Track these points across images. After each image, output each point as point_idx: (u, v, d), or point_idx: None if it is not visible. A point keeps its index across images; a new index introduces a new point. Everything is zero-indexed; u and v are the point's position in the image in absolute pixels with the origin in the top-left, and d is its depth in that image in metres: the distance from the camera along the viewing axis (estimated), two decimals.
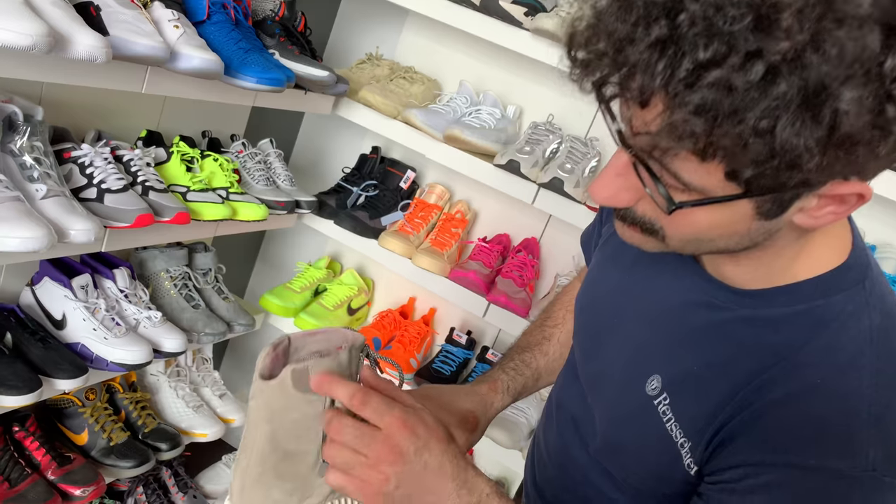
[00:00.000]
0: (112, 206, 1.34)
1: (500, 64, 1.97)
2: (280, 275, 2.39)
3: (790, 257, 0.67)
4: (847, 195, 0.57)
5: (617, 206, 0.66)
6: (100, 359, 1.47)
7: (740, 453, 0.65)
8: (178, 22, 1.30)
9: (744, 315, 0.70)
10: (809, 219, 0.60)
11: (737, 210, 0.59)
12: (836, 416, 0.63)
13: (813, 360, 0.65)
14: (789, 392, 0.64)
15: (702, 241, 0.64)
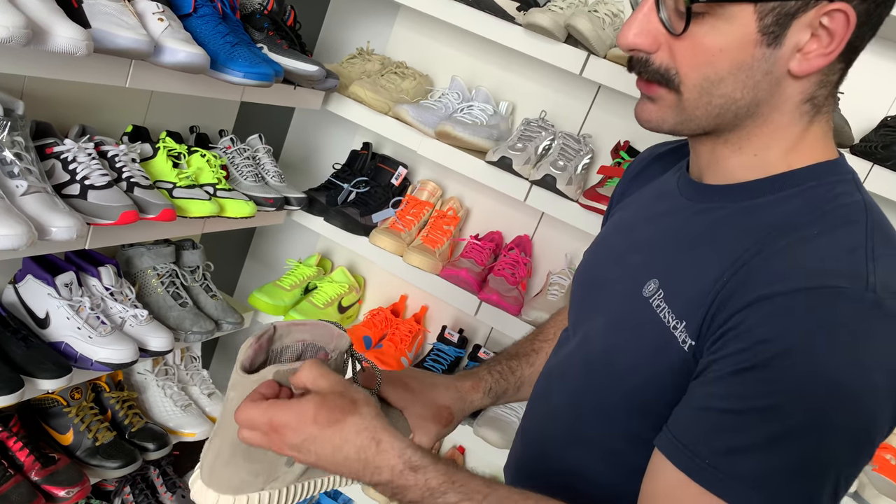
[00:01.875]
0: (96, 203, 1.31)
1: (492, 59, 1.95)
2: (270, 272, 2.37)
3: (786, 146, 0.73)
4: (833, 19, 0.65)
5: (639, 46, 0.71)
6: (84, 358, 1.44)
7: (737, 303, 0.65)
8: (162, 15, 1.27)
9: (740, 207, 0.74)
10: (803, 61, 0.67)
11: (742, 27, 0.66)
12: (835, 250, 0.65)
13: (808, 222, 0.68)
14: (788, 243, 0.67)
15: (713, 81, 0.70)
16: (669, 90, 0.72)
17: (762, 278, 0.65)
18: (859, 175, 0.93)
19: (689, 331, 0.70)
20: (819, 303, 0.62)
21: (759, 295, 0.64)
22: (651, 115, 0.75)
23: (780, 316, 0.62)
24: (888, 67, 1.62)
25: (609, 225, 0.98)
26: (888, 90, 1.62)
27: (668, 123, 0.75)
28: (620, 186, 1.01)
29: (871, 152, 1.40)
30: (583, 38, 1.56)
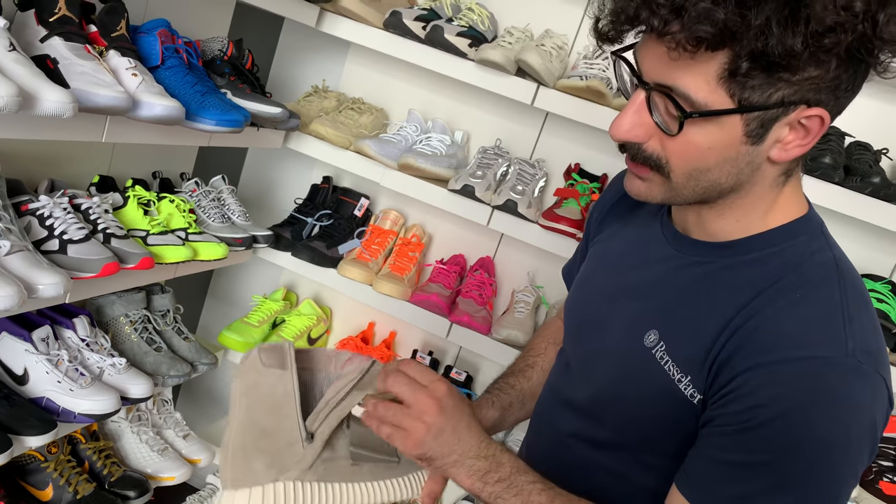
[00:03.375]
0: (76, 257, 1.32)
1: (445, 92, 2.04)
2: (233, 310, 2.37)
3: (764, 209, 0.81)
4: (811, 120, 0.72)
5: (632, 139, 0.78)
6: (66, 411, 1.44)
7: (737, 366, 0.75)
8: (135, 70, 1.31)
9: (726, 263, 0.83)
10: (782, 151, 0.75)
11: (730, 130, 0.73)
12: (817, 318, 0.75)
13: (791, 286, 0.78)
14: (775, 309, 0.76)
15: (701, 171, 0.77)
16: (659, 174, 0.79)
17: (757, 346, 0.75)
18: None
19: (696, 386, 0.80)
20: (807, 372, 0.73)
21: (756, 362, 0.74)
22: (641, 191, 0.83)
23: (776, 383, 0.73)
24: None
25: (595, 260, 1.03)
26: None
27: (658, 198, 0.83)
28: (597, 214, 1.08)
29: None
30: (533, 71, 1.67)
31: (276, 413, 0.84)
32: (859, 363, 0.73)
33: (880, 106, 1.74)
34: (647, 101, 0.76)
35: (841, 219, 1.65)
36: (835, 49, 0.67)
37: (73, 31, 1.24)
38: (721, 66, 0.69)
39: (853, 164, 1.55)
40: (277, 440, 0.83)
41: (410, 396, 0.81)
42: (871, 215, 1.53)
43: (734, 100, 0.71)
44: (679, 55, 0.69)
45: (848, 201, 1.53)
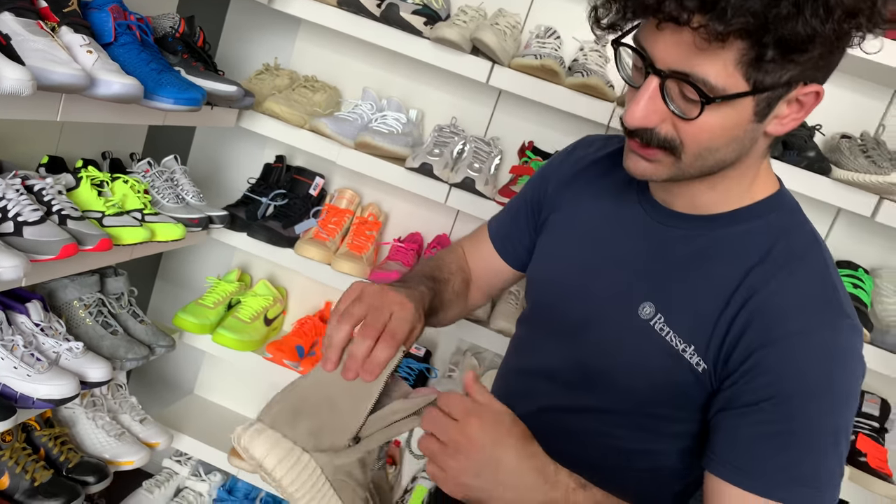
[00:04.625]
0: (33, 239, 1.29)
1: (398, 70, 2.05)
2: (184, 292, 2.34)
3: (748, 183, 0.88)
4: (807, 96, 0.78)
5: (648, 125, 0.80)
6: (25, 397, 1.41)
7: (753, 343, 0.81)
8: (90, 47, 1.28)
9: (716, 236, 0.88)
10: (779, 125, 0.81)
11: (742, 111, 0.77)
12: (814, 287, 0.83)
13: (782, 257, 0.84)
14: (776, 283, 0.82)
15: (711, 150, 0.81)
16: (671, 155, 0.82)
17: (768, 321, 0.81)
18: None
19: (701, 354, 0.85)
20: (821, 338, 0.80)
21: (771, 337, 0.80)
22: (647, 171, 0.85)
23: (795, 354, 0.80)
24: None
25: (563, 229, 1.05)
26: None
27: (663, 176, 0.86)
28: (554, 184, 1.09)
29: None
30: (488, 50, 1.70)
31: (351, 400, 0.84)
32: (853, 322, 0.83)
33: None
34: (660, 86, 0.78)
35: None
36: (854, 32, 0.72)
37: (24, 6, 1.20)
38: (741, 52, 0.72)
39: (790, 139, 1.65)
40: (334, 421, 0.83)
41: (443, 434, 0.77)
42: (807, 187, 1.62)
43: (749, 83, 0.74)
44: (707, 45, 0.71)
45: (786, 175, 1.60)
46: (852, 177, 1.58)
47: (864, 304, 1.68)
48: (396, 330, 0.87)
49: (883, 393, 1.84)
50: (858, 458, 1.69)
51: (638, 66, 0.82)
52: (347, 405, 0.84)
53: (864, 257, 1.85)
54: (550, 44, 1.75)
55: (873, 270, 1.82)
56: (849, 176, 1.59)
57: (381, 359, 0.85)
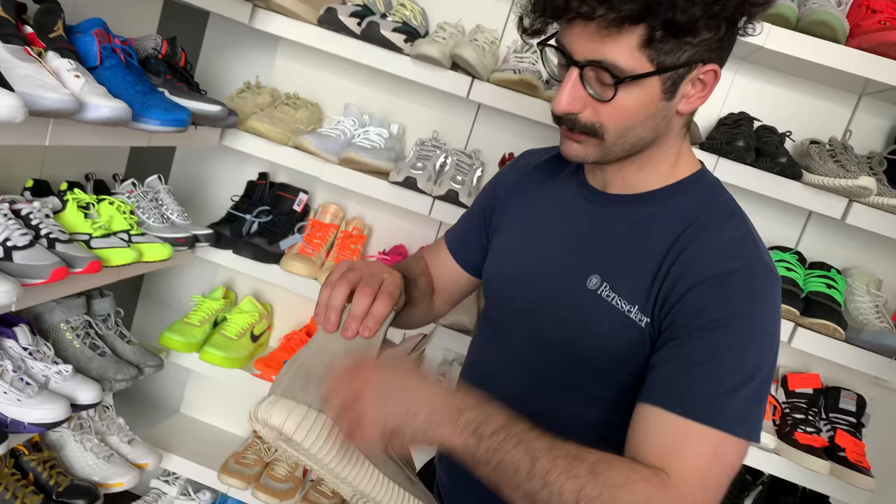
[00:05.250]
0: (23, 264, 1.29)
1: (378, 86, 2.07)
2: (166, 311, 2.33)
3: (672, 162, 0.99)
4: (707, 75, 0.90)
5: (572, 111, 0.91)
6: (16, 422, 1.41)
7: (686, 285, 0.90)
8: (77, 71, 1.29)
9: (650, 211, 0.98)
10: (687, 103, 0.92)
11: (650, 90, 0.88)
12: (737, 239, 0.93)
13: (707, 221, 0.95)
14: (703, 239, 0.93)
15: (629, 129, 0.92)
16: (594, 138, 0.93)
17: (699, 266, 0.90)
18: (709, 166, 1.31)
19: (643, 312, 0.93)
20: (743, 279, 0.89)
21: (702, 278, 0.89)
22: (579, 153, 0.96)
23: (724, 290, 0.88)
24: None
25: (513, 231, 1.14)
26: (717, 94, 1.94)
27: (592, 158, 0.96)
28: (503, 192, 1.20)
29: (717, 147, 1.68)
30: (468, 66, 1.73)
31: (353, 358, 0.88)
32: (772, 269, 0.93)
33: (782, 92, 1.91)
34: (580, 77, 0.89)
35: (753, 196, 1.80)
36: (722, 14, 0.84)
37: (11, 32, 1.21)
38: (640, 37, 0.84)
39: (762, 146, 1.70)
40: None
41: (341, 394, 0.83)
42: (779, 192, 1.68)
43: (653, 64, 0.86)
44: (608, 32, 0.84)
45: (759, 180, 1.68)
46: (822, 181, 1.64)
47: (837, 304, 1.74)
48: (391, 290, 0.94)
49: (858, 389, 1.90)
50: (838, 453, 1.75)
51: (561, 63, 0.93)
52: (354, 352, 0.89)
53: (836, 258, 1.92)
54: (528, 58, 1.79)
55: (845, 271, 1.88)
56: (819, 180, 1.65)
57: (380, 314, 0.91)
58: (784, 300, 1.71)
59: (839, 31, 1.58)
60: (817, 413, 1.87)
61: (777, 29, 1.61)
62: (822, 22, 1.58)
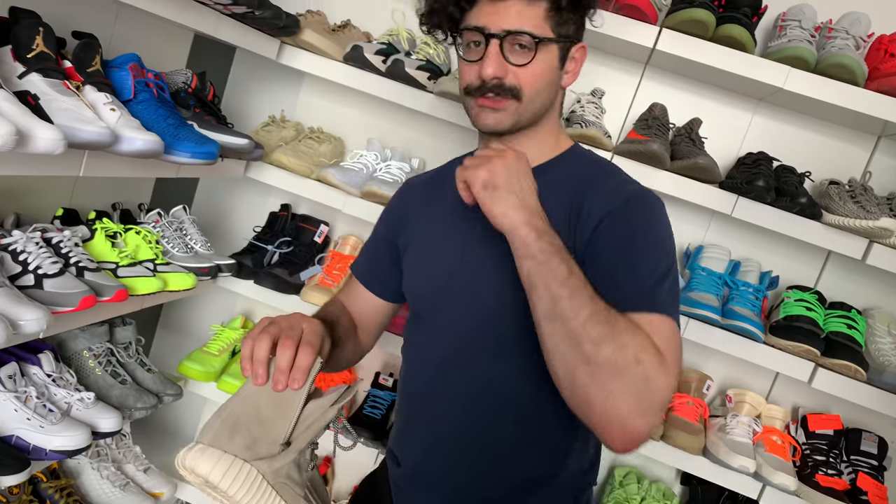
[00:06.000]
0: (53, 292, 1.32)
1: (401, 121, 2.11)
2: (184, 340, 2.35)
3: (554, 137, 1.19)
4: (579, 51, 1.14)
5: (499, 75, 1.07)
6: (38, 448, 1.41)
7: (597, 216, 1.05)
8: (112, 105, 1.32)
9: (547, 179, 1.12)
10: (568, 78, 1.14)
11: (552, 57, 1.09)
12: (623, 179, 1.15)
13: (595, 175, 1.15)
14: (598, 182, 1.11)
15: (540, 90, 1.09)
16: (514, 100, 1.08)
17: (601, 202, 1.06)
18: (728, 205, 1.68)
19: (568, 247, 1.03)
20: (641, 203, 1.08)
21: (606, 211, 1.05)
22: (496, 120, 1.10)
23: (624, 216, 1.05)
24: (735, 115, 1.95)
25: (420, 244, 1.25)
26: (737, 134, 1.96)
27: (507, 124, 1.11)
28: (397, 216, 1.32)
29: (736, 187, 1.70)
30: None
31: (277, 410, 0.94)
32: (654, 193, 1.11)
33: (801, 133, 1.93)
34: (499, 47, 1.06)
35: (772, 235, 1.81)
36: None
37: (51, 67, 1.25)
38: (545, 9, 1.06)
39: (782, 185, 1.71)
40: (266, 432, 0.93)
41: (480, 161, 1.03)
42: (799, 232, 1.69)
43: (554, 32, 1.08)
44: (521, 5, 1.04)
45: (779, 220, 1.69)
46: (843, 221, 1.64)
47: (858, 345, 1.73)
48: (311, 340, 0.98)
49: (880, 431, 1.88)
50: (860, 497, 1.72)
51: (475, 40, 1.09)
52: (276, 415, 0.94)
53: (857, 299, 1.91)
54: None
55: (865, 311, 1.87)
56: (840, 221, 1.65)
57: (305, 365, 0.95)
58: (804, 340, 1.71)
59: (858, 74, 1.60)
60: (838, 455, 1.85)
61: (796, 71, 1.63)
62: (840, 65, 1.60)
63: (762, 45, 1.85)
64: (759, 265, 1.91)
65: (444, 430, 1.19)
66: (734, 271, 1.88)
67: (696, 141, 1.79)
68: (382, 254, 1.33)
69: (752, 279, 1.87)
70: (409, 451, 1.26)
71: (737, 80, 1.72)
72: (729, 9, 1.70)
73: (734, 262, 1.90)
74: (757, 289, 1.84)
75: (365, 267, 1.37)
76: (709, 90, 1.95)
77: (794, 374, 1.74)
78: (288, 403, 0.94)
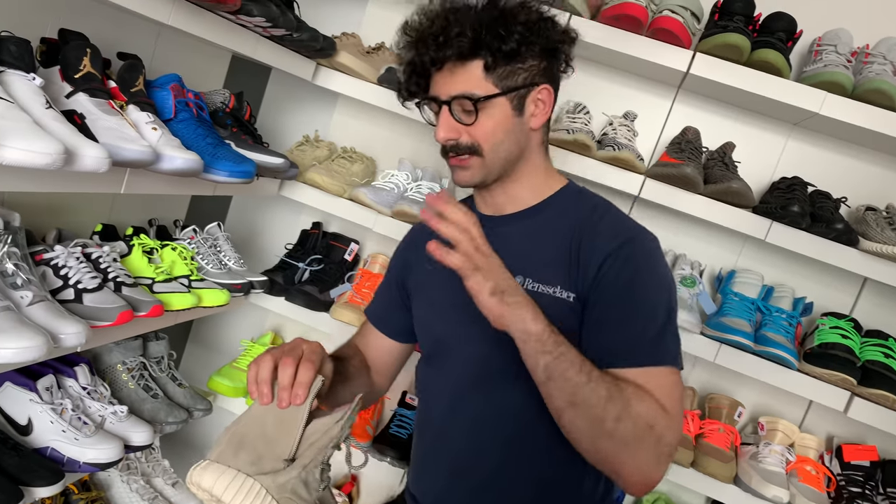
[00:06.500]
0: (92, 306, 1.34)
1: (431, 140, 2.12)
2: (213, 355, 2.37)
3: (542, 176, 1.21)
4: (541, 93, 1.15)
5: (452, 137, 1.14)
6: (72, 461, 1.43)
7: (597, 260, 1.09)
8: (154, 124, 1.35)
9: (541, 218, 1.19)
10: (534, 118, 1.15)
11: (503, 109, 1.12)
12: (621, 219, 1.17)
13: (591, 212, 1.16)
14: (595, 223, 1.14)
15: (498, 143, 1.13)
16: (476, 157, 1.14)
17: (601, 244, 1.10)
18: (762, 230, 1.66)
19: (566, 289, 1.11)
20: (640, 246, 1.11)
21: (608, 251, 1.08)
22: (466, 177, 1.16)
23: (627, 257, 1.08)
24: (768, 139, 1.94)
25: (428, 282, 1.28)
26: (770, 158, 1.94)
27: (477, 179, 1.16)
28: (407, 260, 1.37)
29: (770, 212, 1.68)
30: None
31: (281, 427, 0.96)
32: (651, 232, 1.15)
33: (836, 158, 1.91)
34: (449, 111, 1.13)
35: (806, 261, 1.79)
36: (536, 45, 1.11)
37: (97, 87, 1.28)
38: (480, 67, 1.10)
39: (817, 211, 1.69)
40: (271, 448, 0.95)
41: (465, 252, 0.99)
42: (835, 258, 1.67)
43: (497, 87, 1.11)
44: (457, 70, 1.10)
45: (814, 246, 1.67)
46: (881, 248, 1.62)
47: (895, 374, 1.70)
48: (311, 357, 1.01)
49: None
50: None
51: (434, 109, 1.16)
52: (280, 433, 0.96)
53: (893, 326, 1.87)
54: (581, 119, 1.82)
55: None
56: (877, 248, 1.63)
57: (306, 380, 0.97)
58: (839, 368, 1.68)
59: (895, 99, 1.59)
60: (874, 487, 1.80)
61: (833, 96, 1.62)
62: (878, 90, 1.59)
63: (797, 69, 1.84)
64: (792, 291, 1.88)
65: (461, 463, 1.21)
66: (767, 297, 1.86)
67: (729, 165, 1.78)
68: (394, 296, 1.38)
69: (786, 305, 1.84)
70: (427, 488, 1.28)
71: (771, 104, 1.72)
72: (763, 33, 1.69)
73: (767, 288, 1.87)
74: (790, 315, 1.81)
75: (377, 310, 1.42)
76: (742, 114, 1.94)
77: (829, 403, 1.71)
78: (292, 421, 0.96)
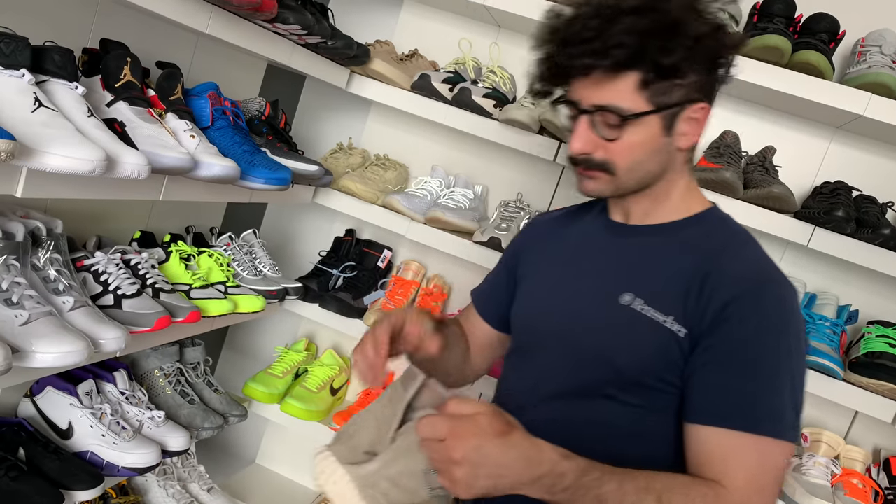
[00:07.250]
0: (130, 312, 1.36)
1: (463, 148, 2.12)
2: (248, 361, 2.39)
3: (681, 195, 1.10)
4: (698, 112, 1.02)
5: (586, 151, 1.03)
6: (110, 465, 1.45)
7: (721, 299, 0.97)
8: (192, 132, 1.37)
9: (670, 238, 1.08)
10: (684, 137, 1.03)
11: (652, 128, 1.00)
12: (758, 259, 1.04)
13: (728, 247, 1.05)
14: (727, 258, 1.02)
15: (638, 163, 1.03)
16: (606, 174, 1.04)
17: (729, 282, 0.98)
18: (804, 236, 1.60)
19: (679, 322, 0.99)
20: (773, 292, 0.99)
21: (735, 294, 0.97)
22: (594, 188, 1.07)
23: (756, 304, 0.97)
24: (810, 143, 1.89)
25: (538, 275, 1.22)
26: (812, 162, 1.90)
27: (607, 192, 1.08)
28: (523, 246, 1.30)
29: (813, 217, 1.64)
30: (557, 130, 1.76)
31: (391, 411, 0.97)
32: (792, 284, 1.03)
33: (882, 161, 1.85)
34: (589, 122, 1.02)
35: (850, 267, 1.74)
36: (701, 57, 0.98)
37: (137, 95, 1.30)
38: (636, 81, 0.97)
39: (862, 216, 1.65)
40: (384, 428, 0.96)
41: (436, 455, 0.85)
42: (881, 264, 1.62)
43: (650, 104, 0.99)
44: (607, 80, 0.98)
45: (859, 252, 1.62)
46: None
47: None
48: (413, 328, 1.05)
49: None
50: None
51: (572, 114, 1.05)
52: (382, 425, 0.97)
53: None
54: None
55: None
56: None
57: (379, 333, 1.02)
58: (887, 378, 1.63)
59: None
60: None
61: (878, 98, 1.57)
62: None
63: (840, 71, 1.79)
64: (836, 298, 1.83)
65: None
66: (810, 304, 1.81)
67: (769, 169, 1.75)
68: (502, 281, 1.32)
69: (829, 313, 1.79)
70: None
71: (813, 107, 1.68)
72: (805, 35, 1.66)
73: (810, 295, 1.83)
74: (835, 323, 1.76)
75: (482, 292, 1.37)
76: (782, 117, 1.90)
77: (876, 414, 1.66)
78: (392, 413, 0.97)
